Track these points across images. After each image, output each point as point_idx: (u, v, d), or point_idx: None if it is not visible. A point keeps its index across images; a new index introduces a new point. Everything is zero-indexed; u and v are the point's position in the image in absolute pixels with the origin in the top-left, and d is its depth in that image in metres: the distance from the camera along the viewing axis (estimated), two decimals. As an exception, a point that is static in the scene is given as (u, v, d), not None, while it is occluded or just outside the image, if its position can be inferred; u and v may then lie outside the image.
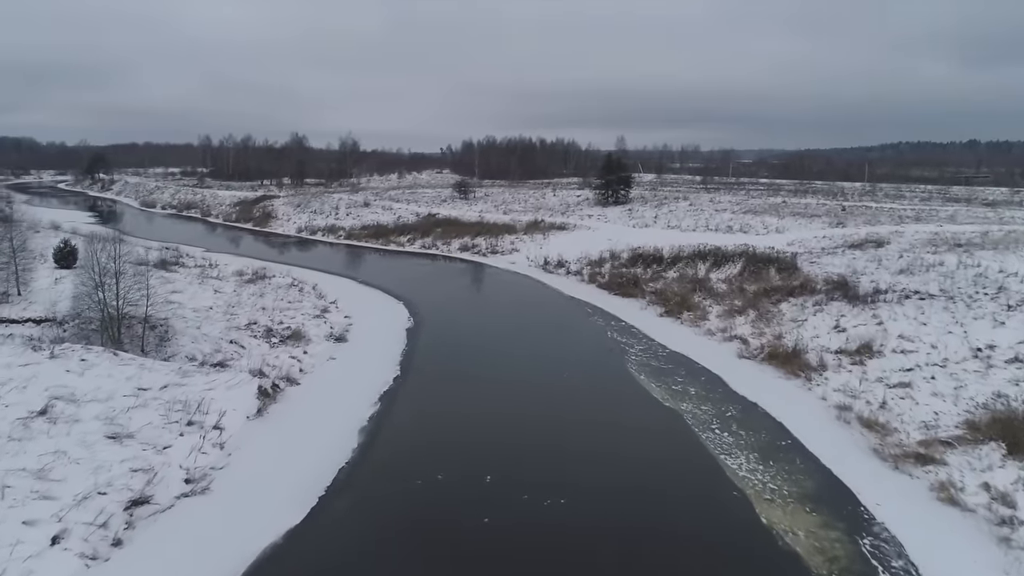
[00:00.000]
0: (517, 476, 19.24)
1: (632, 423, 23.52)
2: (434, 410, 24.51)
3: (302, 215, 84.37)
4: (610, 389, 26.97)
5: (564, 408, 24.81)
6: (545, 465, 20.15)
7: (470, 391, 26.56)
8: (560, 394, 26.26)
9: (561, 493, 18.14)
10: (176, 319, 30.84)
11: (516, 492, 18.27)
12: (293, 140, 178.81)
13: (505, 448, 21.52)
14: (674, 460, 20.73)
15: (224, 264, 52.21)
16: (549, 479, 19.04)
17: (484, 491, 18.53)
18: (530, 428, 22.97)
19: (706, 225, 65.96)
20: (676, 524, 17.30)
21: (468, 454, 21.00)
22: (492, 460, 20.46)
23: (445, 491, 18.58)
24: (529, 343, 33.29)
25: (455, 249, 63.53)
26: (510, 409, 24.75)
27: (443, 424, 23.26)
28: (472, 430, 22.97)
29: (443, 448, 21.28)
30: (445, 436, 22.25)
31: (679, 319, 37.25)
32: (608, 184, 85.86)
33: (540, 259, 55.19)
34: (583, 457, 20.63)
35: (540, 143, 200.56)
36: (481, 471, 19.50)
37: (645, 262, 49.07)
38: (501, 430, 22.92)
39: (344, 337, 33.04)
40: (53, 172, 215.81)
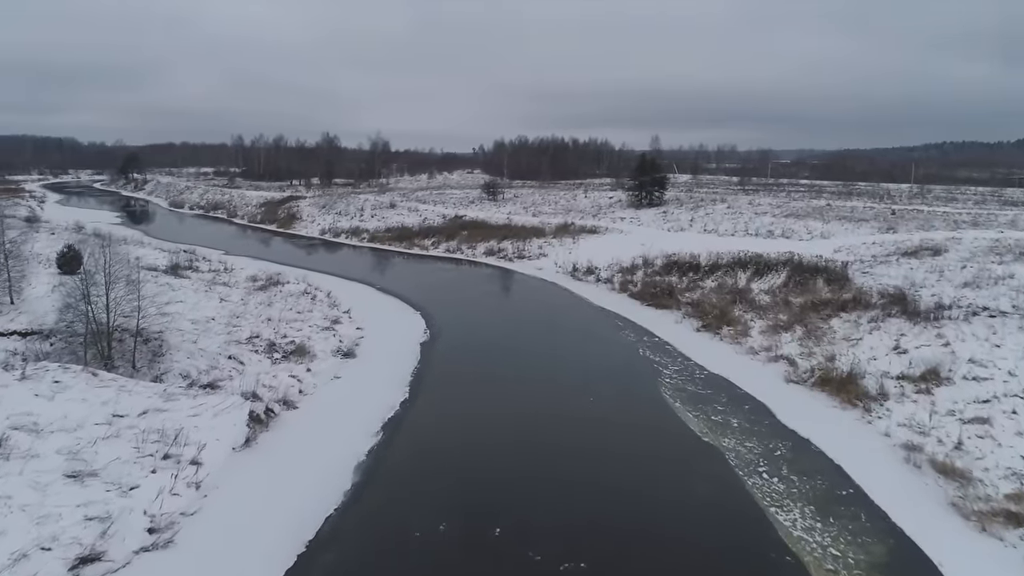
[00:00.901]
0: (530, 527, 16.49)
1: (667, 463, 20.61)
2: (440, 444, 21.83)
3: (326, 216, 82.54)
4: (641, 419, 24.04)
5: (589, 442, 21.95)
6: (562, 516, 17.32)
7: (482, 419, 23.86)
8: (585, 424, 23.41)
9: (581, 553, 15.34)
10: (172, 332, 28.65)
11: (530, 549, 15.51)
12: (324, 140, 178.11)
13: (518, 491, 18.74)
14: (715, 512, 17.72)
15: (239, 268, 50.33)
16: (567, 533, 16.26)
17: (492, 546, 15.83)
18: (548, 467, 20.16)
19: (745, 229, 62.42)
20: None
21: (474, 499, 18.29)
22: (502, 506, 17.71)
23: (446, 546, 15.90)
24: (552, 362, 30.47)
25: (480, 253, 60.91)
26: (525, 443, 21.95)
27: (449, 461, 20.57)
28: (481, 468, 20.25)
29: (447, 492, 18.58)
30: (450, 476, 19.53)
31: (718, 335, 34.13)
32: (642, 185, 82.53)
33: (568, 265, 52.32)
34: (609, 506, 17.78)
35: (572, 143, 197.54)
36: (489, 520, 16.79)
37: (680, 270, 45.92)
38: (513, 468, 20.14)
39: (353, 352, 30.58)
40: (91, 172, 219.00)
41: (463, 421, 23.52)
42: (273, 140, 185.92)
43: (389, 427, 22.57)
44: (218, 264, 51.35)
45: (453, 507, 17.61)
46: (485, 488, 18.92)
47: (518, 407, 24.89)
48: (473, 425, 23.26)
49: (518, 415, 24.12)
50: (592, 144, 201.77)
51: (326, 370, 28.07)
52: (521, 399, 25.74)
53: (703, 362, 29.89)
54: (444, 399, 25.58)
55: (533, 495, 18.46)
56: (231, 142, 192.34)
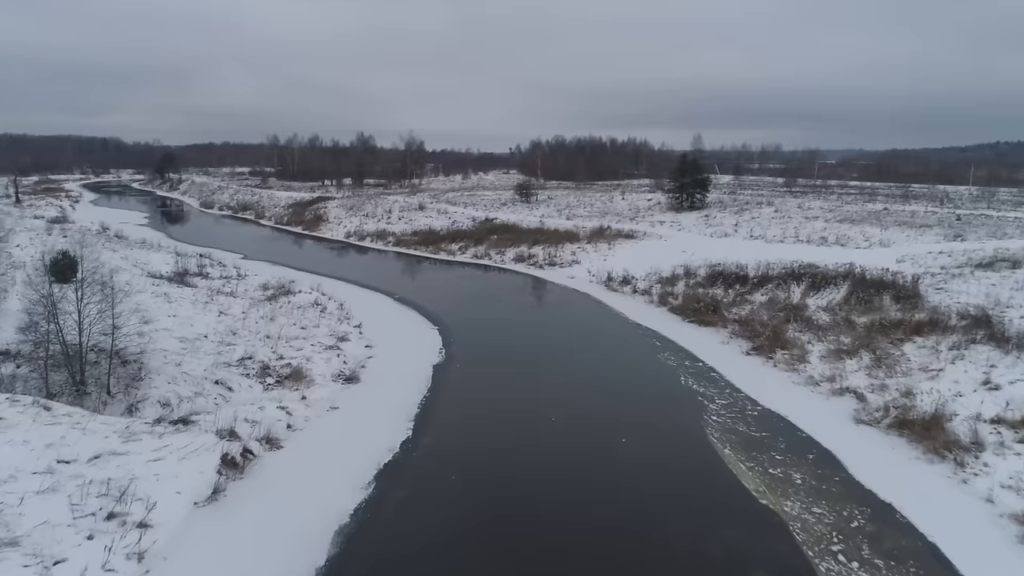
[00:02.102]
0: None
1: (715, 535, 16.73)
2: (439, 503, 18.26)
3: (353, 219, 79.86)
4: (684, 470, 20.20)
5: (621, 502, 18.21)
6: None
7: (494, 468, 20.28)
8: (617, 475, 19.69)
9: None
10: (155, 353, 25.67)
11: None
12: (358, 140, 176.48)
13: (534, 569, 15.12)
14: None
15: (253, 275, 47.63)
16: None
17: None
18: (572, 534, 16.48)
19: (796, 235, 57.78)
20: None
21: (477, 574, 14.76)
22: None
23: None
24: (578, 393, 26.75)
25: (509, 259, 57.36)
26: (541, 502, 18.27)
27: (450, 526, 16.99)
28: (487, 533, 16.63)
29: (446, 569, 15.05)
30: (451, 547, 15.98)
31: (770, 359, 30.06)
32: (682, 187, 78.10)
33: (603, 274, 48.50)
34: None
35: (610, 143, 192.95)
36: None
37: (726, 281, 41.80)
38: (528, 536, 16.48)
39: (356, 376, 27.27)
40: (132, 171, 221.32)
41: (472, 472, 19.91)
42: (308, 140, 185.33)
43: (383, 478, 19.10)
44: (232, 270, 48.77)
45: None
46: (492, 562, 15.33)
47: (536, 455, 21.19)
48: (483, 476, 19.68)
49: (536, 465, 20.45)
50: (631, 144, 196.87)
51: (323, 399, 24.78)
52: (539, 441, 22.06)
53: (755, 394, 25.90)
54: (451, 439, 22.03)
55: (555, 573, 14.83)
56: (267, 142, 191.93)
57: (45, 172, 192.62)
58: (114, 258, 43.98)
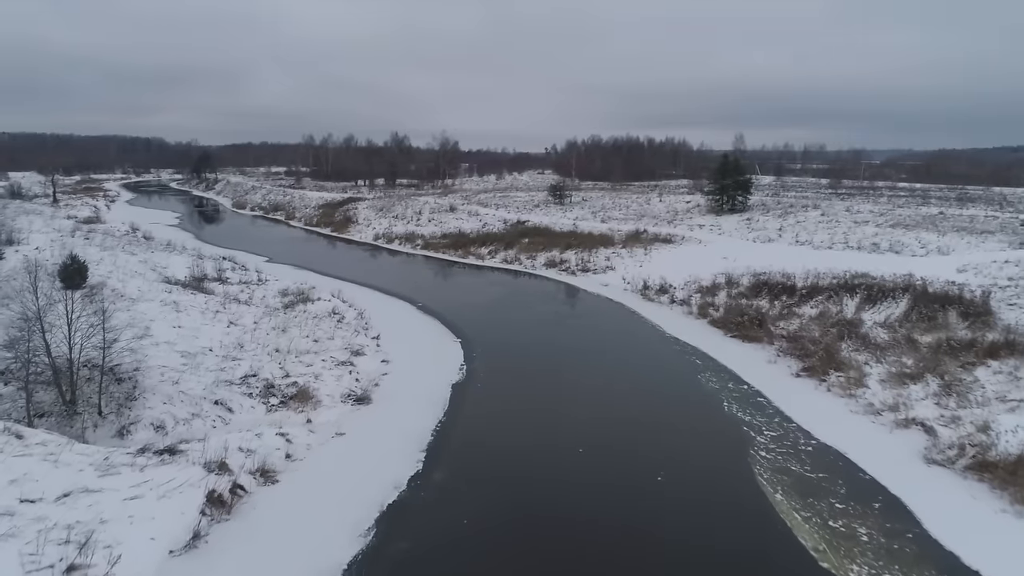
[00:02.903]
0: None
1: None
2: (447, 561, 16.00)
3: (382, 220, 78.18)
4: (730, 519, 17.59)
5: (655, 554, 15.75)
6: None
7: (511, 511, 17.90)
8: (652, 521, 17.21)
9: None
10: (151, 370, 23.88)
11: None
12: (393, 140, 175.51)
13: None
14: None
15: (274, 280, 46.03)
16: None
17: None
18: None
19: (845, 241, 54.32)
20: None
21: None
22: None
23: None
24: (610, 419, 24.28)
25: (540, 265, 54.95)
26: (567, 551, 15.89)
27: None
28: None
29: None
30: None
31: (823, 382, 27.22)
32: (723, 189, 74.76)
33: (639, 281, 45.82)
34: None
35: (648, 142, 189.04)
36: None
37: (772, 292, 38.83)
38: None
39: (367, 396, 25.17)
40: (171, 171, 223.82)
41: (485, 514, 17.62)
42: (343, 140, 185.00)
43: (385, 523, 16.90)
44: (253, 274, 47.23)
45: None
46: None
47: (559, 493, 18.79)
48: (497, 521, 17.35)
49: (557, 506, 18.04)
50: (668, 143, 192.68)
51: (329, 423, 22.70)
52: (563, 477, 19.65)
53: (809, 424, 23.15)
54: (464, 474, 19.74)
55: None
56: (302, 141, 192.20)
57: (88, 172, 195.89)
58: (131, 262, 42.75)
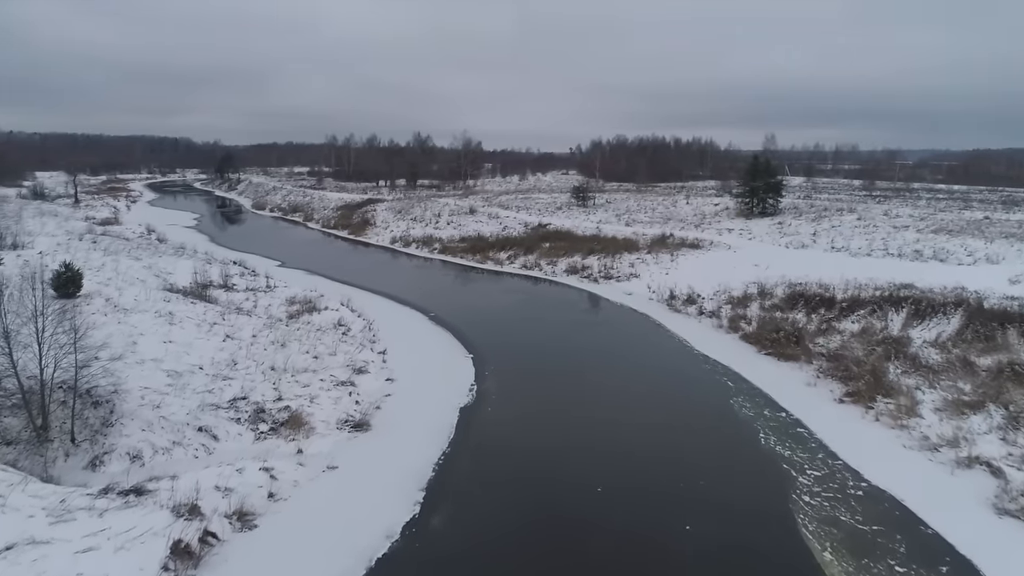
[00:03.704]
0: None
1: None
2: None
3: (400, 223, 76.31)
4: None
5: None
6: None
7: (517, 567, 15.64)
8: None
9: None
10: (130, 393, 21.95)
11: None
12: (415, 140, 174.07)
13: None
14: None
15: (283, 286, 44.26)
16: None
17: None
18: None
19: (884, 248, 51.16)
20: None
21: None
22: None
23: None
24: (634, 452, 21.91)
25: (560, 271, 52.61)
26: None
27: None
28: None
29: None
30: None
31: (870, 409, 24.59)
32: (753, 191, 71.83)
33: (664, 290, 43.31)
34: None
35: (674, 142, 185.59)
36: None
37: (808, 304, 36.15)
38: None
39: (366, 422, 23.05)
40: (197, 171, 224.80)
41: (487, 570, 15.37)
42: (366, 140, 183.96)
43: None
44: (262, 280, 45.51)
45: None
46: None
47: (573, 541, 16.49)
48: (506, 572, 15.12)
49: (570, 559, 15.75)
50: (695, 143, 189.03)
51: (322, 454, 20.61)
52: (579, 522, 17.33)
53: (857, 462, 20.59)
54: (466, 520, 17.49)
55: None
56: (325, 141, 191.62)
57: (114, 171, 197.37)
58: (134, 268, 41.20)
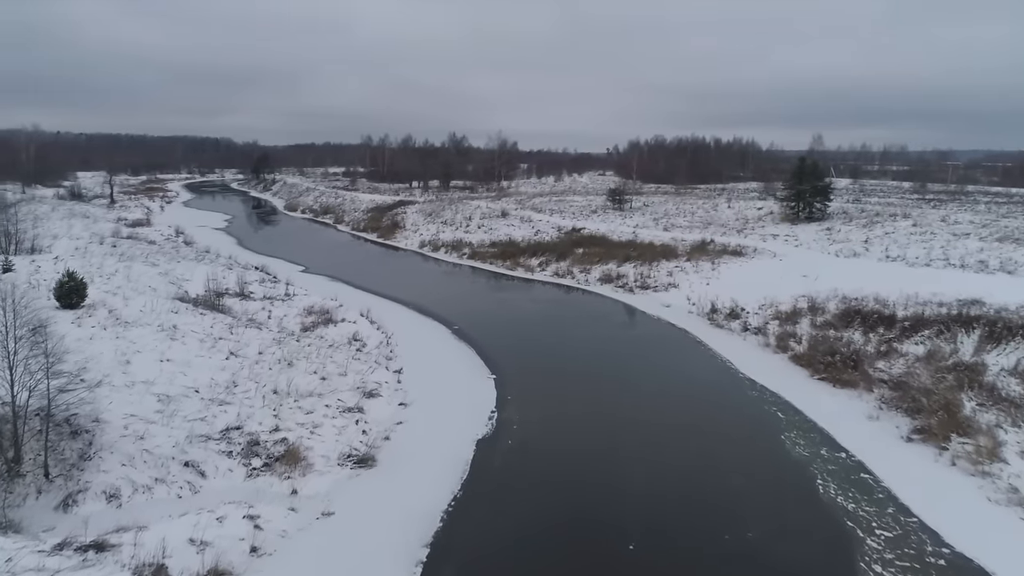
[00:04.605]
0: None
1: None
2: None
3: (431, 226, 74.28)
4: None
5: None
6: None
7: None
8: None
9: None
10: (111, 423, 19.97)
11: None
12: (450, 140, 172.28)
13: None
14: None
15: (302, 293, 42.40)
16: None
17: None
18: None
19: (945, 257, 47.32)
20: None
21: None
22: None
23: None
24: (670, 500, 19.24)
25: (594, 279, 49.89)
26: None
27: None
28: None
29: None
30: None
31: (944, 450, 21.54)
32: (799, 195, 68.14)
33: (705, 303, 40.33)
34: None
35: (715, 143, 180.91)
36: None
37: (865, 322, 32.93)
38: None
39: (371, 456, 20.74)
40: (235, 171, 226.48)
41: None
42: (401, 140, 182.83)
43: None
44: (282, 287, 43.70)
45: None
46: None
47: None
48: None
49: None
50: (736, 144, 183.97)
51: (318, 495, 18.36)
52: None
53: (935, 520, 17.61)
54: None
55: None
56: (360, 141, 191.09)
57: (154, 172, 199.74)
58: (148, 275, 39.67)
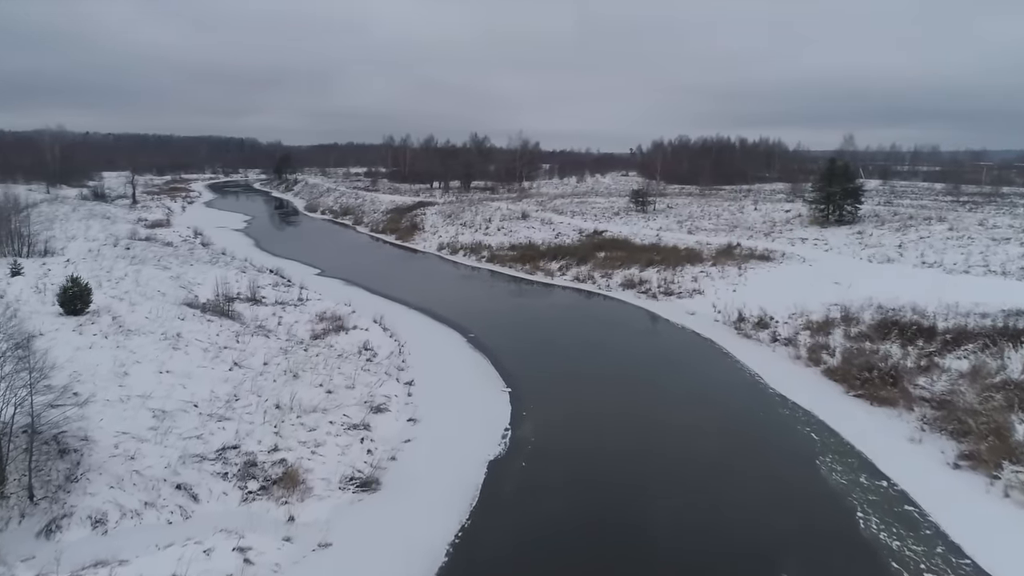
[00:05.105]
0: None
1: None
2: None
3: (450, 228, 73.10)
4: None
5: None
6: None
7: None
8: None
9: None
10: (100, 441, 18.91)
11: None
12: (472, 140, 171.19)
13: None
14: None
15: (316, 298, 41.41)
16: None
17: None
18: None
19: (985, 264, 45.11)
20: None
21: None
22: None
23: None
24: (699, 537, 17.73)
25: (616, 285, 48.33)
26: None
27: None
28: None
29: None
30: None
31: (995, 479, 19.80)
32: (829, 197, 65.99)
33: (732, 311, 38.63)
34: None
35: (740, 143, 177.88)
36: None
37: (903, 334, 31.06)
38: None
39: (376, 480, 19.46)
40: (259, 171, 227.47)
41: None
42: (423, 140, 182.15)
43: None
44: (296, 291, 42.73)
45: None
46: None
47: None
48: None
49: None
50: (762, 144, 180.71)
51: (317, 522, 17.11)
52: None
53: (990, 562, 15.96)
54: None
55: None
56: (382, 142, 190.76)
57: (179, 171, 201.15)
58: (158, 279, 38.86)
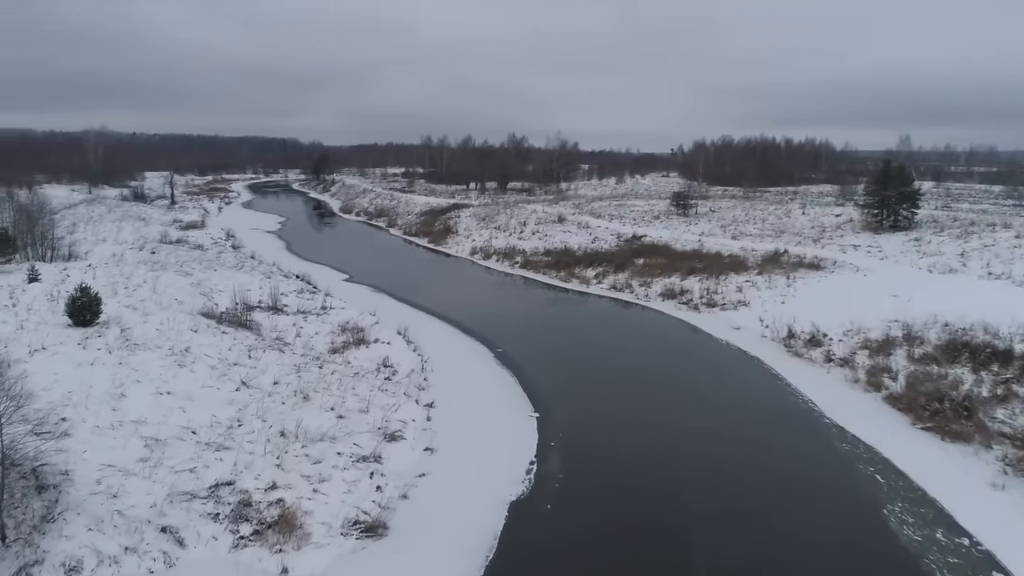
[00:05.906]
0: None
1: None
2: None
3: (484, 231, 71.14)
4: None
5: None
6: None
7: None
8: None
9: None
10: (82, 476, 17.25)
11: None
12: (510, 141, 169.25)
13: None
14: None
15: (340, 307, 39.81)
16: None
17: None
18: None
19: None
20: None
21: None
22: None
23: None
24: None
25: (655, 294, 45.73)
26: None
27: None
28: None
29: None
30: None
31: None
32: (884, 201, 62.22)
33: (781, 325, 35.82)
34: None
35: (785, 143, 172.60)
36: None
37: (975, 357, 28.06)
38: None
39: (382, 523, 17.43)
40: (298, 171, 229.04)
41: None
42: (461, 140, 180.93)
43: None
44: (320, 299, 41.18)
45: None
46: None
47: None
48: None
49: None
50: (808, 144, 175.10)
51: (313, 575, 15.18)
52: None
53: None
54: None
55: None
56: (420, 142, 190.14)
57: (220, 171, 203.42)
58: (177, 286, 37.59)
